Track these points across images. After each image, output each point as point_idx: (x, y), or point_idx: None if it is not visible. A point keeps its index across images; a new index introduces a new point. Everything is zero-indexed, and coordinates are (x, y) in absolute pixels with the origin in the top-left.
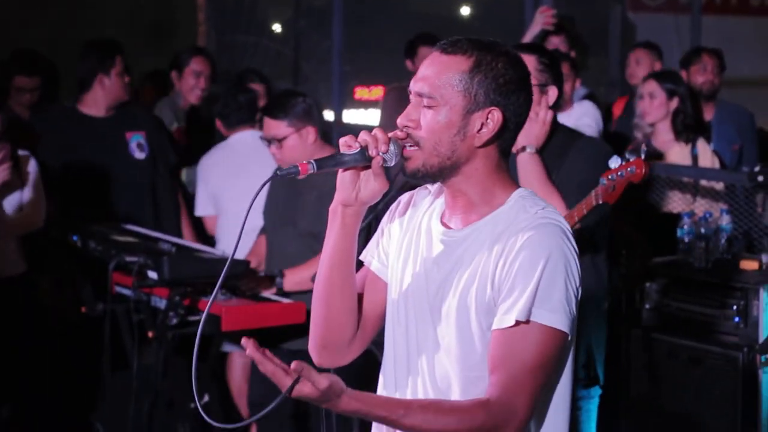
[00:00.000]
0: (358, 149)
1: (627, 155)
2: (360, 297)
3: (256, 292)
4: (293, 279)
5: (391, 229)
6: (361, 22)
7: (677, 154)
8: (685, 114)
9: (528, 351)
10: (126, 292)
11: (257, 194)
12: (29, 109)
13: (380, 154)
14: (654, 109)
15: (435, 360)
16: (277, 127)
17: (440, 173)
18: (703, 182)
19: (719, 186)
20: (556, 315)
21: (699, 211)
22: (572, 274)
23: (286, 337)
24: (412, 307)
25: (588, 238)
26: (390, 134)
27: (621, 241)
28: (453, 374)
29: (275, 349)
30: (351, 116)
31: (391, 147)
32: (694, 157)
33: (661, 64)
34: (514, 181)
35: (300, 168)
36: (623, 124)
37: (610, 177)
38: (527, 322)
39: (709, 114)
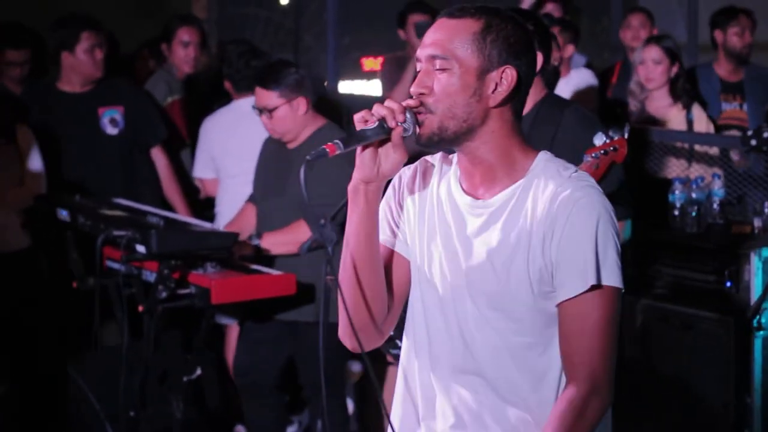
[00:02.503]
0: (377, 123)
1: (611, 133)
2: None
3: (238, 259)
4: (270, 239)
5: (403, 202)
6: None
7: (673, 119)
8: (685, 79)
9: (598, 314)
10: (116, 266)
11: (304, 178)
12: (20, 83)
13: (399, 124)
14: (659, 75)
15: (481, 334)
16: (269, 97)
17: (456, 137)
18: (698, 147)
19: (714, 151)
20: (615, 274)
21: (693, 177)
22: (617, 231)
23: (278, 309)
24: (449, 285)
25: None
26: (404, 103)
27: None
28: (503, 345)
29: (267, 321)
30: (358, 87)
31: (408, 116)
32: (689, 122)
33: (657, 30)
34: (529, 145)
35: (328, 149)
36: (618, 91)
37: (593, 155)
38: (594, 287)
39: (739, 74)
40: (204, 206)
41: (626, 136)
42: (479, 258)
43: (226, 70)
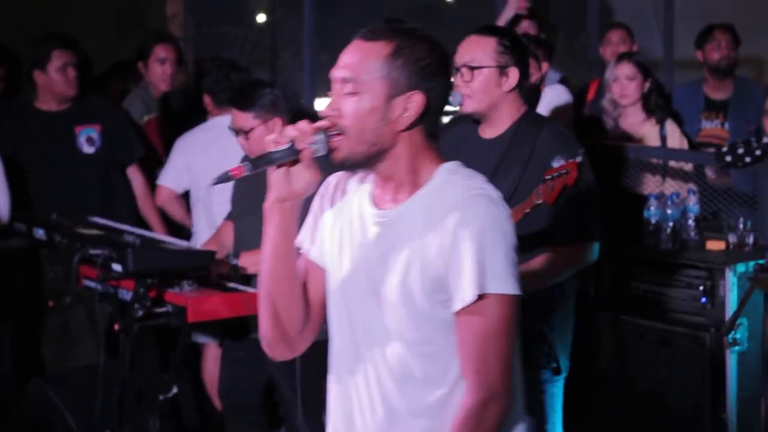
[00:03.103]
0: (287, 144)
1: (565, 156)
2: (303, 286)
3: (215, 278)
4: (247, 258)
5: (323, 214)
6: (342, 9)
7: (647, 134)
8: (657, 94)
9: (489, 323)
10: (93, 284)
11: (209, 196)
12: None
13: (309, 145)
14: (633, 91)
15: (385, 344)
16: (245, 119)
17: (367, 161)
18: (672, 163)
19: (688, 167)
20: (506, 281)
21: (668, 192)
22: (509, 237)
23: (255, 327)
24: (354, 294)
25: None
26: (315, 125)
27: None
28: (407, 354)
29: (245, 340)
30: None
31: (319, 137)
32: (663, 138)
33: (636, 46)
34: (441, 158)
35: (232, 173)
36: (596, 107)
37: (549, 177)
38: (483, 296)
39: (727, 92)
40: (180, 225)
41: (578, 159)
42: (380, 268)
43: (205, 84)
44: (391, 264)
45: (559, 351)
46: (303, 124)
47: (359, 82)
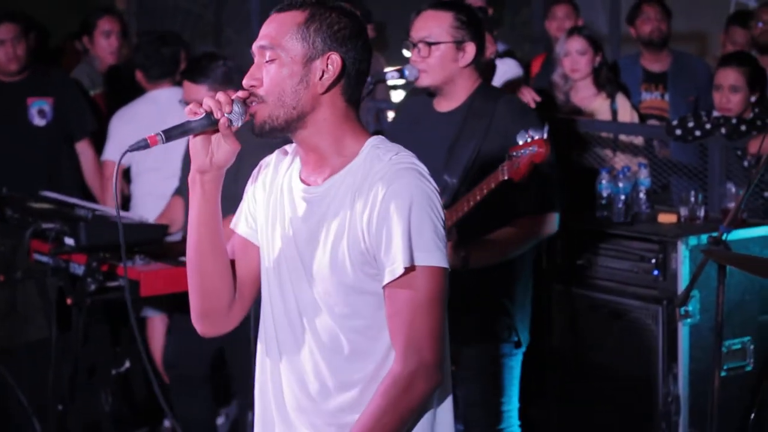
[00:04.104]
0: (204, 114)
1: (531, 132)
2: (233, 263)
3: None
4: None
5: (256, 193)
6: None
7: (598, 108)
8: (608, 68)
9: (419, 295)
10: (44, 259)
11: (118, 167)
12: None
13: (225, 115)
14: (584, 65)
15: (316, 318)
16: (197, 91)
17: (287, 125)
18: (623, 137)
19: (639, 141)
20: (434, 254)
21: (619, 166)
22: (437, 211)
23: None
24: (286, 270)
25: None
26: (233, 95)
27: None
28: (337, 328)
29: None
30: None
31: (236, 107)
32: (614, 112)
33: (582, 21)
34: (365, 130)
35: (149, 140)
36: (541, 81)
37: (515, 153)
38: (411, 268)
39: (664, 64)
40: (127, 200)
41: (545, 136)
42: (310, 244)
43: (137, 60)
44: (320, 239)
45: (519, 324)
46: (220, 95)
47: (277, 48)
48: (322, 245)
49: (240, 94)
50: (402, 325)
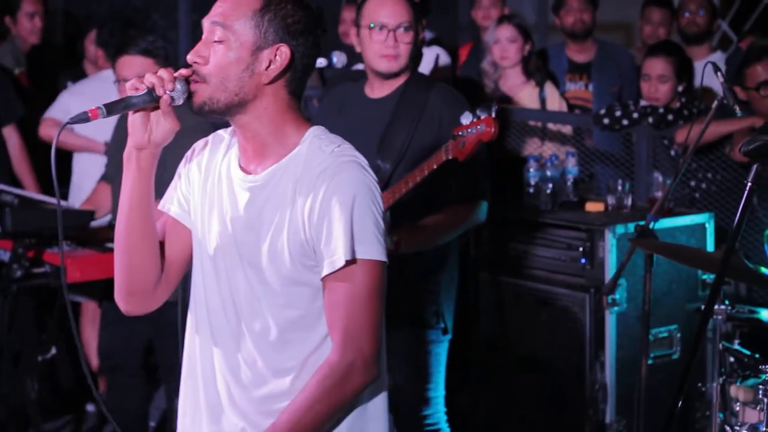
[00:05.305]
0: (145, 90)
1: (478, 112)
2: (162, 244)
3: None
4: None
5: (190, 174)
6: None
7: (526, 97)
8: (537, 56)
9: (358, 288)
10: None
11: (57, 138)
12: None
13: (167, 92)
14: (513, 53)
15: (253, 308)
16: (130, 62)
17: (227, 109)
18: (551, 126)
19: (567, 129)
20: (375, 247)
21: (547, 155)
22: (378, 205)
23: None
24: (222, 258)
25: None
26: (175, 72)
27: None
28: (273, 318)
29: None
30: None
31: (178, 85)
32: (542, 101)
33: (508, 9)
34: (306, 120)
35: (90, 113)
36: (469, 70)
37: (460, 133)
38: (352, 261)
39: (589, 54)
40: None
41: (494, 115)
42: (248, 233)
43: (100, 39)
44: (259, 228)
45: (445, 311)
46: (163, 71)
47: (228, 29)
48: (260, 235)
49: (183, 72)
50: (341, 317)
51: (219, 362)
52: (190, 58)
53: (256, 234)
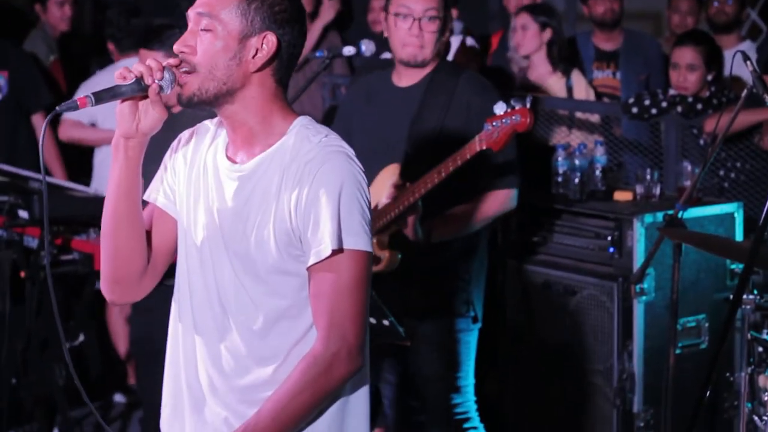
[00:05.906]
0: (134, 79)
1: (513, 102)
2: (149, 234)
3: None
4: None
5: (175, 164)
6: None
7: (553, 86)
8: (560, 44)
9: (344, 278)
10: None
11: (45, 127)
12: None
13: (156, 81)
14: (527, 40)
15: (238, 297)
16: (153, 58)
17: (216, 99)
18: (579, 114)
19: (595, 118)
20: (361, 237)
21: (574, 143)
22: (365, 195)
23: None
24: (208, 247)
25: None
26: (164, 62)
27: None
28: (258, 308)
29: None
30: None
31: (167, 74)
32: (569, 89)
33: None
34: (293, 110)
35: (78, 102)
36: (499, 58)
37: (494, 123)
38: (338, 251)
39: (616, 42)
40: (81, 174)
41: (528, 106)
42: (233, 222)
43: (108, 31)
44: (246, 217)
45: (475, 299)
46: (151, 61)
47: (214, 18)
48: (247, 224)
49: (171, 61)
50: (326, 307)
51: (201, 351)
52: (176, 48)
53: (243, 223)
